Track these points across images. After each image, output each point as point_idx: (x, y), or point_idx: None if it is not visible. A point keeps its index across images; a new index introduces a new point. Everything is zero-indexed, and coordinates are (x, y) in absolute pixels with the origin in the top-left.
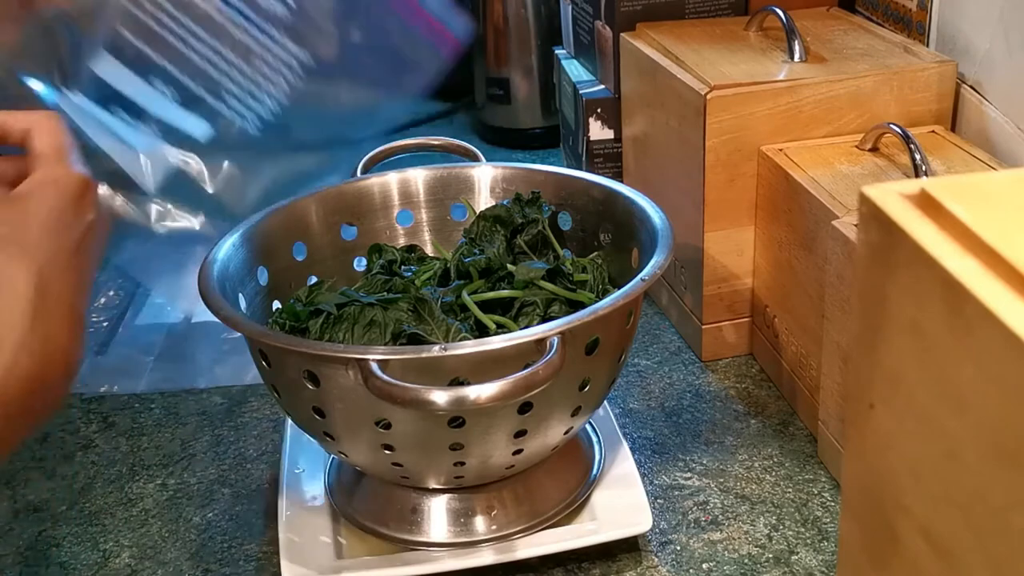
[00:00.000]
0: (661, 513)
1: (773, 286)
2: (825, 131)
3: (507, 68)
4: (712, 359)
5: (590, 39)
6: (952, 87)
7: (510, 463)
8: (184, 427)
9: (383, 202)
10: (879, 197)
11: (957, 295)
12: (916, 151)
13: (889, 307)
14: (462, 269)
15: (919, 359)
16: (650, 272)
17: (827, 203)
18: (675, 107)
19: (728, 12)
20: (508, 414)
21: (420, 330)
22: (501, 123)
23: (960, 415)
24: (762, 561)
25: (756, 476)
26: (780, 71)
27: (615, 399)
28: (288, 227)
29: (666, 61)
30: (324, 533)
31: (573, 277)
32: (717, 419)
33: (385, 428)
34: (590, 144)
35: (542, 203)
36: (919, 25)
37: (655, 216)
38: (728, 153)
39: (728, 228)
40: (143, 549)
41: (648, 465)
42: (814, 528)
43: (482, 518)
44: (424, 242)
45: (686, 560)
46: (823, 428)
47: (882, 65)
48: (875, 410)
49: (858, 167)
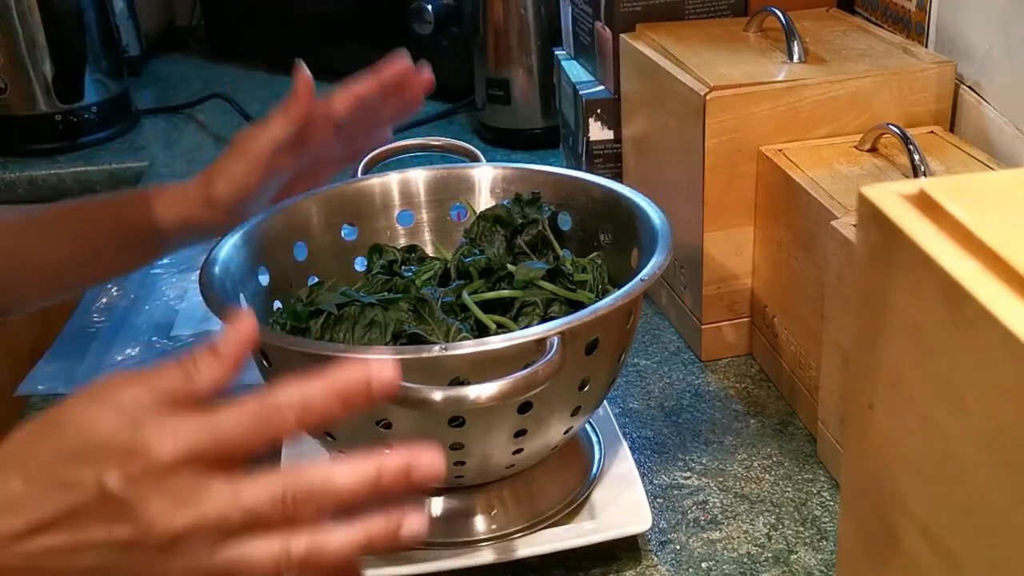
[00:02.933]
0: (661, 512)
1: (773, 286)
2: (824, 131)
3: (507, 68)
4: (712, 359)
5: (590, 40)
6: (951, 88)
7: (510, 463)
8: None
9: (384, 202)
10: (878, 197)
11: (956, 295)
12: (915, 151)
13: (889, 307)
14: (462, 269)
15: (919, 359)
16: (650, 272)
17: (826, 203)
18: (675, 108)
19: (728, 13)
20: (508, 414)
21: (420, 330)
22: (501, 123)
23: (960, 415)
24: (761, 560)
25: (755, 476)
26: (779, 72)
27: (615, 399)
28: (289, 227)
29: (666, 62)
30: None
31: (573, 277)
32: (717, 419)
33: (385, 428)
34: (590, 144)
35: (542, 203)
36: (918, 26)
37: (655, 216)
38: (728, 153)
39: (728, 228)
40: None
41: (648, 465)
42: (813, 527)
43: (482, 517)
44: (424, 242)
45: (685, 559)
46: (822, 428)
47: (881, 66)
48: (875, 410)
49: (857, 167)
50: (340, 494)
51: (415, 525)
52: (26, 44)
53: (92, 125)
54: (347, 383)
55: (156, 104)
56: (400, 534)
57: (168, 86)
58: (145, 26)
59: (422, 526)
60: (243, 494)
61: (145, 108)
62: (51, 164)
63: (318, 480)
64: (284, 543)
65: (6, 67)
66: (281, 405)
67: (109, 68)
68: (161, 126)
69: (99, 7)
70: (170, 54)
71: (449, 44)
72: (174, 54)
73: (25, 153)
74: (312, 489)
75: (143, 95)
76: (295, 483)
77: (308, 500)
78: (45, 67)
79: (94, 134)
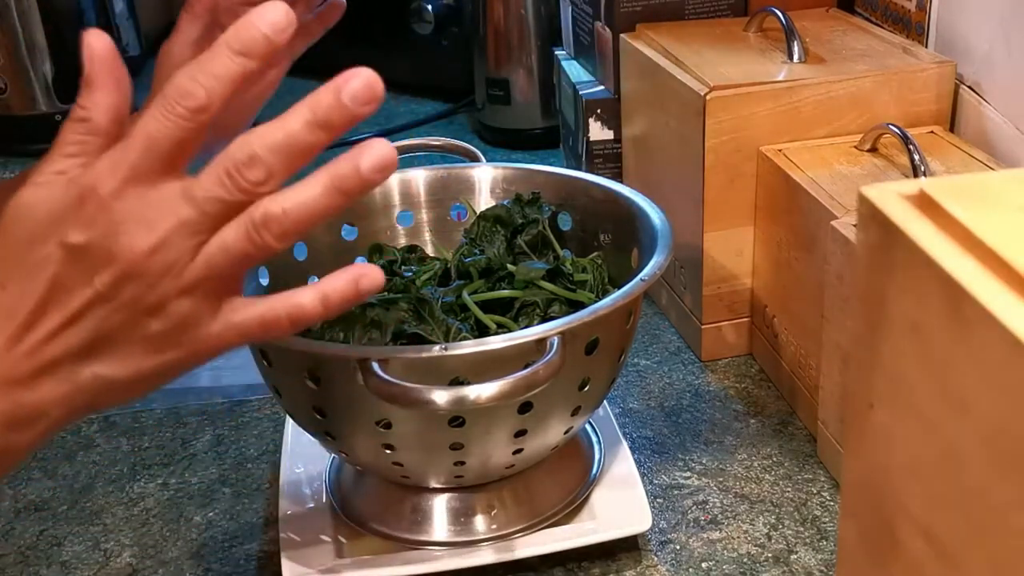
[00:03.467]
0: (661, 512)
1: (773, 286)
2: (824, 131)
3: (507, 68)
4: (712, 359)
5: (590, 40)
6: (951, 88)
7: (510, 463)
8: (185, 427)
9: (383, 202)
10: (878, 197)
11: (956, 295)
12: (915, 151)
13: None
14: (462, 269)
15: (919, 359)
16: (650, 272)
17: (826, 203)
18: (675, 108)
19: (728, 13)
20: (508, 414)
21: (420, 330)
22: (501, 123)
23: (960, 415)
24: (761, 560)
25: (755, 476)
26: (779, 72)
27: (615, 399)
28: None
29: (666, 62)
30: (324, 533)
31: (573, 277)
32: (717, 419)
33: (386, 428)
34: (590, 144)
35: (542, 203)
36: (918, 26)
37: (655, 216)
38: (728, 153)
39: (728, 228)
40: (144, 548)
41: (648, 465)
42: (813, 527)
43: (482, 517)
44: (424, 242)
45: (685, 559)
46: (822, 428)
47: (881, 66)
48: (875, 410)
49: (857, 167)
50: (279, 144)
51: (378, 151)
52: (26, 44)
53: None
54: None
55: None
56: (363, 166)
57: None
58: (145, 26)
59: (385, 150)
60: (192, 188)
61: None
62: None
63: (254, 140)
64: (246, 216)
65: (6, 67)
66: (182, 81)
67: None
68: None
69: (99, 7)
70: None
71: (449, 44)
72: None
73: (25, 153)
74: (250, 151)
75: (143, 95)
76: (233, 153)
77: (250, 162)
78: (45, 67)
79: None
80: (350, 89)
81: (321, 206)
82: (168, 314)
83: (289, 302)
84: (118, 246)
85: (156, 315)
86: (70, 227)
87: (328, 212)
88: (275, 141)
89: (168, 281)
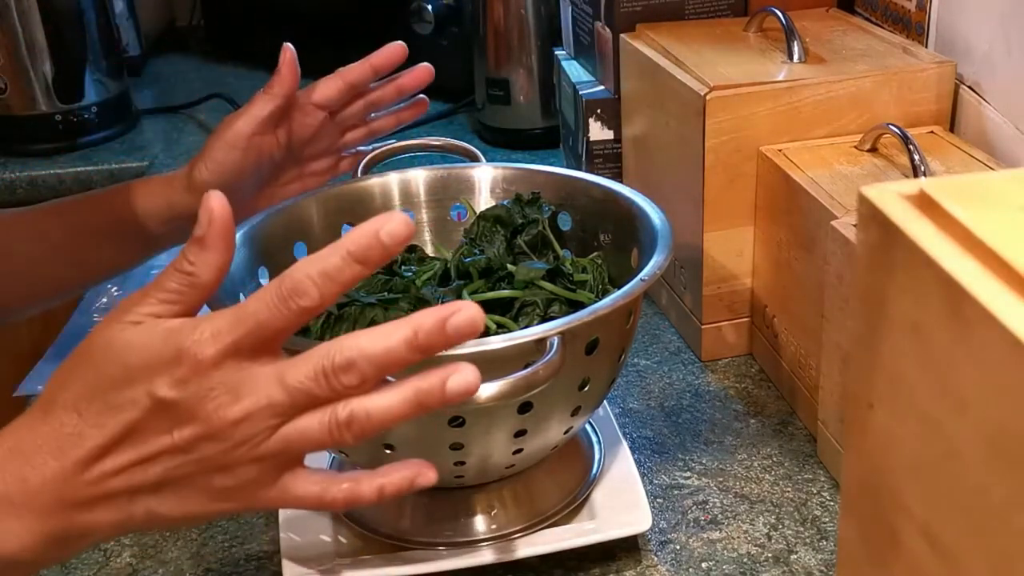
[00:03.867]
0: (660, 512)
1: (773, 286)
2: (824, 131)
3: (507, 68)
4: (712, 359)
5: (590, 40)
6: (951, 88)
7: (510, 462)
8: None
9: (383, 202)
10: (878, 197)
11: (956, 295)
12: (915, 151)
13: (889, 307)
14: (462, 269)
15: (919, 359)
16: (650, 272)
17: (826, 203)
18: (675, 108)
19: (728, 13)
20: (508, 414)
21: None
22: (501, 123)
23: (960, 415)
24: (761, 560)
25: (755, 476)
26: (779, 72)
27: (615, 399)
28: (289, 228)
29: (666, 62)
30: (324, 533)
31: (573, 277)
32: (717, 419)
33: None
34: (590, 144)
35: (542, 203)
36: (918, 26)
37: (655, 216)
38: (728, 153)
39: (728, 228)
40: (144, 548)
41: (648, 465)
42: (813, 527)
43: (482, 517)
44: (424, 242)
45: (685, 559)
46: (822, 428)
47: (881, 66)
48: (875, 410)
49: (857, 167)
50: (377, 357)
51: (464, 377)
52: (26, 44)
53: (92, 125)
54: (358, 241)
55: (156, 104)
56: (448, 388)
57: (168, 86)
58: (145, 26)
59: (471, 377)
60: (287, 375)
61: (145, 108)
62: (51, 164)
63: (355, 347)
64: (331, 411)
65: (6, 67)
66: (300, 279)
67: (109, 68)
68: (161, 126)
69: (99, 7)
70: (170, 54)
71: (449, 44)
72: (174, 54)
73: (25, 153)
74: (349, 356)
75: (143, 95)
76: (333, 354)
77: (347, 367)
78: (45, 67)
79: (94, 134)
80: (454, 322)
81: (401, 415)
82: (235, 474)
83: (350, 492)
84: (204, 410)
85: (223, 472)
86: (162, 381)
87: (405, 420)
88: (374, 353)
89: (244, 450)
